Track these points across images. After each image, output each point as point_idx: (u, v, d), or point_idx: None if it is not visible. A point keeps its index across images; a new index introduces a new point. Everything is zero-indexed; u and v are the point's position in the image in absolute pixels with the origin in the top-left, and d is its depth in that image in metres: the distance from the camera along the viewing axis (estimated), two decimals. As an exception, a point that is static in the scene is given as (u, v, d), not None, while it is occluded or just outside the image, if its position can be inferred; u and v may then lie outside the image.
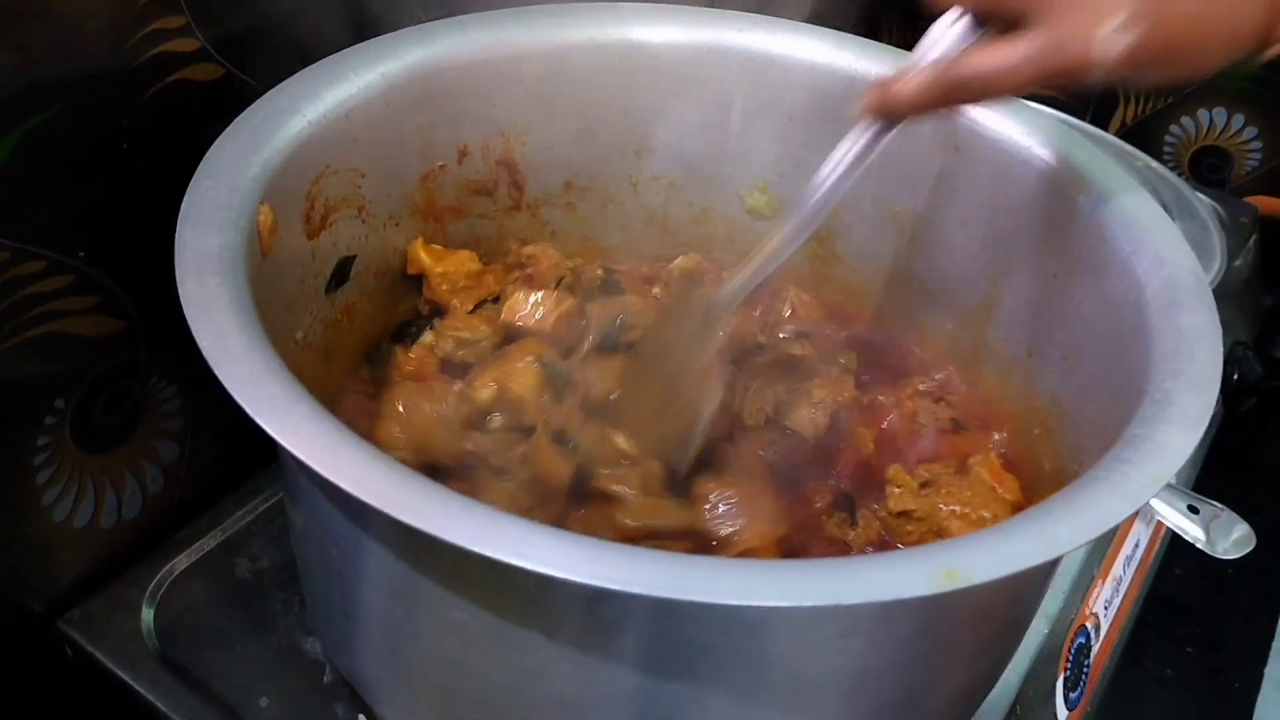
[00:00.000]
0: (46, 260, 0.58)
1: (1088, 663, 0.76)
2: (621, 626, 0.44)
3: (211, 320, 0.46)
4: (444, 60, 0.67)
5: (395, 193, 0.68)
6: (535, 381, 0.63)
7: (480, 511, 0.41)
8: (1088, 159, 0.64)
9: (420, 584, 0.48)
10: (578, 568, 0.39)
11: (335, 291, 0.65)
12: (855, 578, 0.39)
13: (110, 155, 0.59)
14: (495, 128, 0.71)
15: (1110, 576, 0.79)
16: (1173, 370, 0.50)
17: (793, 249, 0.59)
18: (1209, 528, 0.76)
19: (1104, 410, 0.55)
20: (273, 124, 0.58)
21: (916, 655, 0.48)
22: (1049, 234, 0.65)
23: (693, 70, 0.73)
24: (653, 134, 0.76)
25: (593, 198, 0.78)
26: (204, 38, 0.61)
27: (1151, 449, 0.46)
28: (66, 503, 0.65)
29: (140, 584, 0.68)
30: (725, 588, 0.38)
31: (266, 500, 0.74)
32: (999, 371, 0.70)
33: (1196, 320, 0.53)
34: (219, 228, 0.51)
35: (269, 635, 0.67)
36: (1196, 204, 1.02)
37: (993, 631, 0.53)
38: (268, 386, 0.44)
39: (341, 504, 0.48)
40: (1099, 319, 0.60)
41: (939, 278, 0.73)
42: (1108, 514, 0.43)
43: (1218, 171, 1.20)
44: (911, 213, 0.73)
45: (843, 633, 0.44)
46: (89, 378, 0.63)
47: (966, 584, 0.39)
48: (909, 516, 0.61)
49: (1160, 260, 0.56)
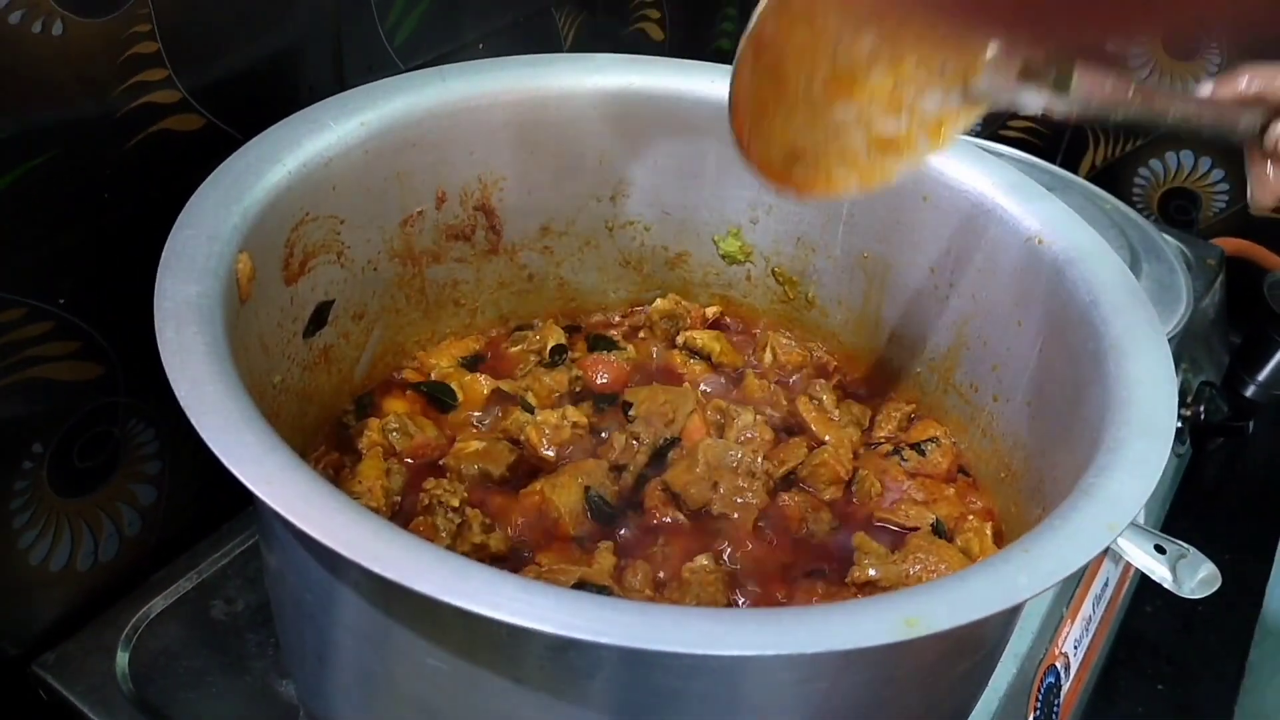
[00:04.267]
0: (27, 307, 0.59)
1: (1058, 702, 0.77)
2: (590, 674, 0.45)
3: (189, 368, 0.47)
4: (422, 109, 0.68)
5: (374, 238, 0.69)
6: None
7: (452, 562, 0.42)
8: (1050, 210, 0.65)
9: (393, 630, 0.48)
10: (547, 617, 0.40)
11: (313, 335, 0.66)
12: (817, 627, 0.40)
13: (92, 204, 0.60)
14: (473, 174, 0.73)
15: (1079, 616, 0.80)
16: (1127, 419, 0.51)
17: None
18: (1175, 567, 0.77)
19: (1064, 456, 0.57)
20: (253, 173, 0.59)
21: (880, 699, 0.49)
22: (1012, 283, 0.66)
23: (666, 119, 0.74)
24: (628, 180, 0.77)
25: (569, 242, 0.79)
26: (185, 89, 0.62)
27: (1106, 498, 0.47)
28: (43, 546, 0.65)
29: (116, 626, 0.69)
30: (690, 637, 0.39)
31: (242, 543, 0.74)
32: (966, 415, 0.71)
33: (1151, 369, 0.54)
34: (198, 276, 0.52)
35: (243, 677, 0.67)
36: (1164, 246, 1.04)
37: (956, 675, 0.54)
38: (242, 435, 0.45)
39: (315, 551, 0.49)
40: (1059, 367, 0.61)
41: (907, 323, 0.75)
42: (1064, 562, 0.44)
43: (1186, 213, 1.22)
44: (881, 259, 0.74)
45: (806, 678, 0.45)
46: (67, 422, 0.63)
47: (926, 632, 0.40)
48: (875, 586, 0.61)
49: (1118, 310, 0.58)
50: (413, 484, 0.66)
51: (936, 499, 0.69)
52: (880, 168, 0.58)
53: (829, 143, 0.57)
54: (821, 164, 0.58)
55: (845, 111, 0.56)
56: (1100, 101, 0.54)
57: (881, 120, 0.57)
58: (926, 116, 0.57)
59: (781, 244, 0.79)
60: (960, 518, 0.67)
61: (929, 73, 0.56)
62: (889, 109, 0.56)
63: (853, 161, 0.58)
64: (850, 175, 0.58)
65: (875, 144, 0.57)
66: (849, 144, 0.57)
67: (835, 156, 0.58)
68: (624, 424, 0.72)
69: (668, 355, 0.79)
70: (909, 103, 0.56)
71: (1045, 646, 0.75)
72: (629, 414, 0.72)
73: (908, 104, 0.56)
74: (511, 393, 0.73)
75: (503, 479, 0.68)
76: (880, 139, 0.57)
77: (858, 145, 0.58)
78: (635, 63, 0.75)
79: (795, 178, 0.58)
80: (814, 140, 0.57)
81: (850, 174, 0.58)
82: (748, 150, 0.56)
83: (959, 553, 0.63)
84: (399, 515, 0.64)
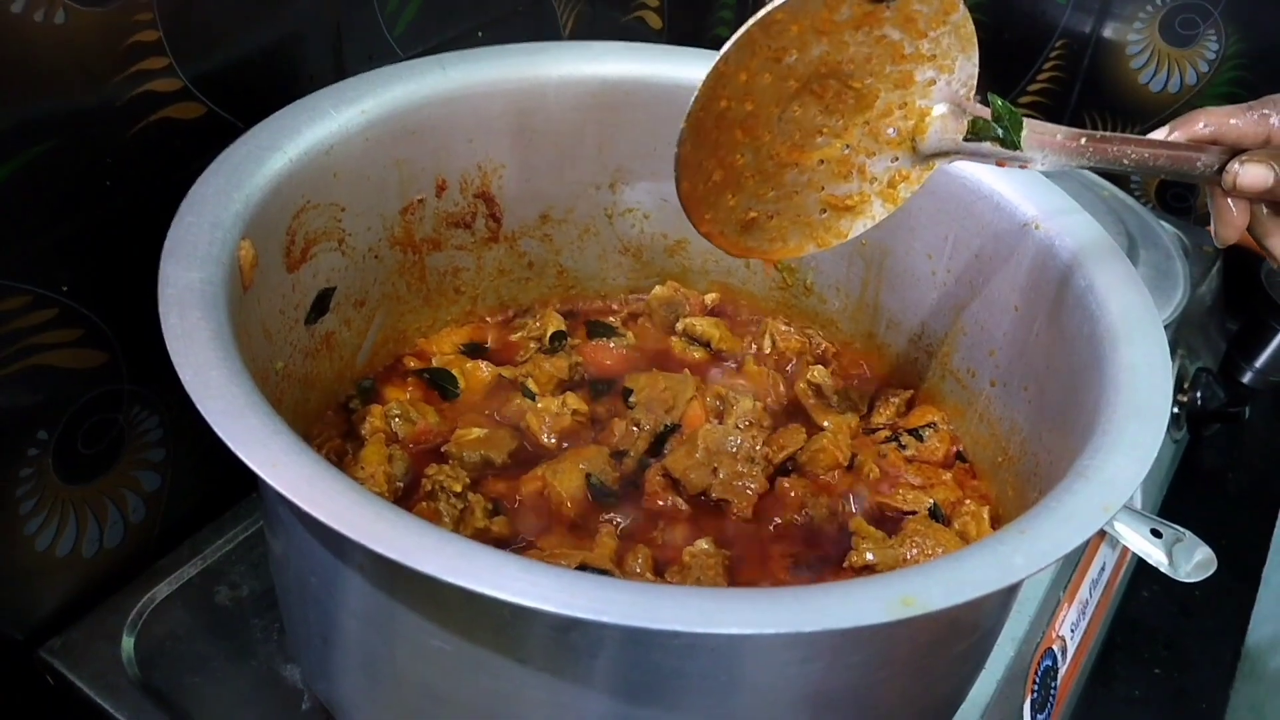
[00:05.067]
0: (31, 295, 0.59)
1: (1054, 684, 0.77)
2: (592, 654, 0.46)
3: (193, 354, 0.48)
4: (423, 97, 0.69)
5: (375, 225, 0.69)
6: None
7: (455, 543, 0.42)
8: (1047, 196, 0.66)
9: (397, 612, 0.49)
10: (550, 597, 0.40)
11: (315, 322, 0.67)
12: (814, 606, 0.40)
13: (94, 192, 0.60)
14: (473, 161, 0.73)
15: (1076, 600, 0.81)
16: (1123, 402, 0.52)
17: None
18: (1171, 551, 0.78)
19: (1061, 439, 0.57)
20: (254, 161, 0.59)
21: (878, 679, 0.49)
22: (1009, 269, 0.67)
23: (664, 106, 0.75)
24: (626, 167, 0.78)
25: (569, 229, 0.79)
26: (186, 77, 0.62)
27: (1102, 480, 0.47)
28: (49, 532, 0.65)
29: (121, 612, 0.69)
30: (690, 615, 0.40)
31: (246, 529, 0.75)
32: (963, 401, 0.72)
33: (1147, 354, 0.55)
34: (201, 263, 0.53)
35: (248, 662, 0.68)
36: (1161, 233, 1.04)
37: (953, 656, 0.54)
38: (247, 420, 0.46)
39: (319, 534, 0.49)
40: (1055, 351, 0.61)
41: (905, 309, 0.75)
42: (1060, 542, 0.44)
43: (1183, 200, 1.23)
44: (879, 246, 0.75)
45: (805, 658, 0.46)
46: (72, 409, 0.64)
47: (923, 611, 0.40)
48: (873, 570, 0.62)
49: (1113, 294, 0.58)
50: (414, 470, 0.67)
51: (934, 484, 0.69)
52: (835, 229, 0.59)
53: (782, 209, 0.58)
54: (775, 230, 0.59)
55: (796, 178, 0.57)
56: (1053, 152, 0.54)
57: (833, 185, 0.58)
58: (879, 178, 0.58)
59: (780, 231, 0.79)
60: (957, 502, 0.68)
61: (876, 137, 0.56)
62: (840, 174, 0.58)
63: (806, 224, 0.59)
64: (805, 238, 0.60)
65: (829, 206, 0.59)
66: (802, 208, 0.59)
67: (789, 221, 0.59)
68: (624, 410, 0.72)
69: (667, 342, 0.80)
70: (859, 165, 0.57)
71: (1042, 630, 0.76)
72: (629, 400, 0.72)
73: (857, 167, 0.57)
74: (512, 379, 0.73)
75: (504, 465, 0.68)
76: (834, 201, 0.58)
77: (810, 209, 0.59)
78: (634, 50, 0.75)
79: (750, 245, 0.59)
80: (766, 209, 0.58)
81: (805, 237, 0.60)
82: (702, 226, 0.57)
83: (956, 536, 0.64)
84: (401, 501, 0.65)
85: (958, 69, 0.55)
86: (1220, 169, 0.55)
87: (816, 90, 0.55)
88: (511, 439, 0.69)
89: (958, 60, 0.54)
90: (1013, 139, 0.54)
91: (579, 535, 0.64)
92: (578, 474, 0.66)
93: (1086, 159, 0.54)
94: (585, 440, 0.70)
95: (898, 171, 0.57)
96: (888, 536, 0.64)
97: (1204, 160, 0.55)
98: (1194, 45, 1.13)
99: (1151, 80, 1.17)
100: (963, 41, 0.54)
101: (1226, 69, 1.12)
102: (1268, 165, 0.54)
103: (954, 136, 0.55)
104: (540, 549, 0.62)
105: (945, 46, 0.54)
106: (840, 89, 0.55)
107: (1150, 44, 1.15)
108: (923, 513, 0.66)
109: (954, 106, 0.55)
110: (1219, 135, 0.56)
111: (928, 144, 0.56)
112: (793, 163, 0.57)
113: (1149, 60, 1.16)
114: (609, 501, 0.66)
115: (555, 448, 0.69)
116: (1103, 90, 1.18)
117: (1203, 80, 1.14)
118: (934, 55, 0.54)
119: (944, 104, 0.55)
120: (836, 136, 0.57)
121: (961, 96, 0.55)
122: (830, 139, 0.57)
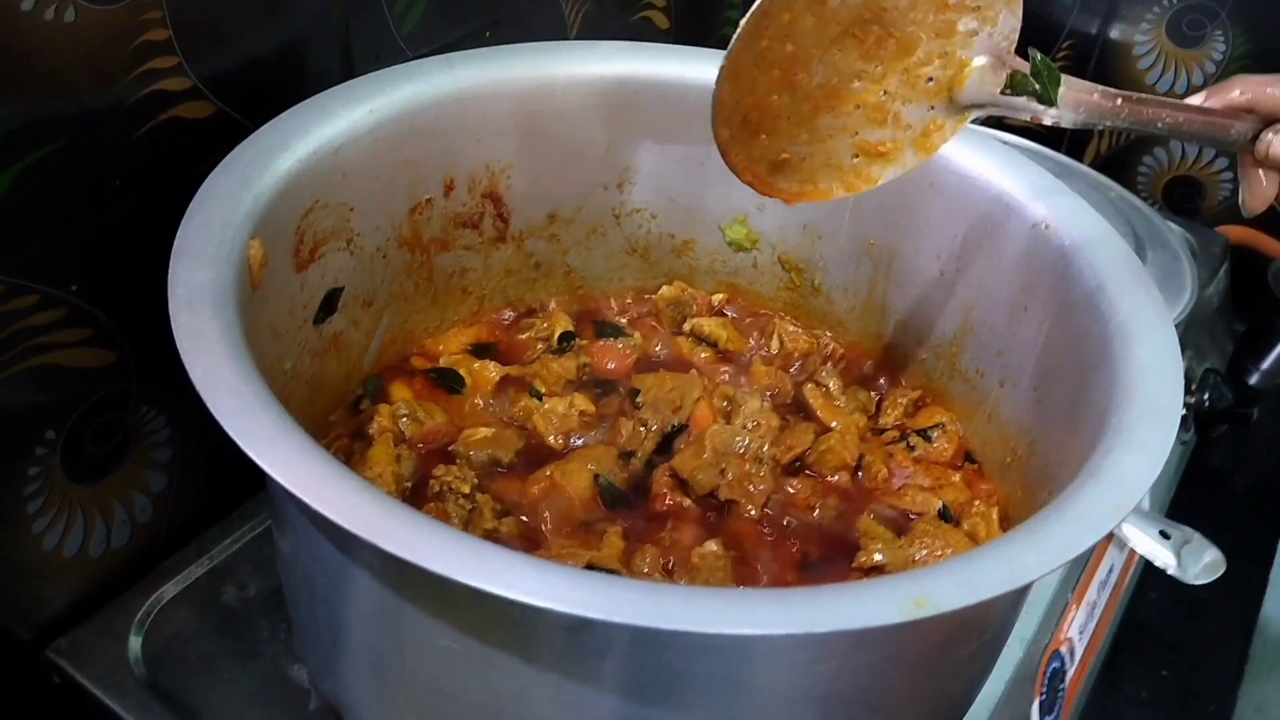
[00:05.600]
0: (40, 294, 0.59)
1: (1062, 686, 0.77)
2: (602, 654, 0.46)
3: (203, 353, 0.48)
4: (430, 96, 0.69)
5: (383, 225, 0.69)
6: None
7: (465, 542, 0.42)
8: (1055, 195, 0.66)
9: (405, 611, 0.49)
10: (560, 596, 0.40)
11: (323, 322, 0.67)
12: (826, 607, 0.40)
13: (103, 192, 0.60)
14: (481, 162, 0.73)
15: (1084, 602, 0.81)
16: (1134, 401, 0.52)
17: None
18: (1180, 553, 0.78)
19: (1070, 439, 0.57)
20: (263, 160, 0.59)
21: (889, 680, 0.49)
22: (1018, 269, 0.66)
23: (672, 107, 0.75)
24: (634, 168, 0.78)
25: (576, 230, 0.79)
26: (196, 77, 0.62)
27: (1113, 479, 0.47)
28: (56, 532, 0.65)
29: (128, 612, 0.69)
30: (701, 616, 0.40)
31: (253, 529, 0.75)
32: (972, 401, 0.72)
33: (1157, 353, 0.54)
34: (210, 262, 0.53)
35: (256, 662, 0.68)
36: (1168, 234, 1.04)
37: (964, 656, 0.54)
38: (258, 418, 0.46)
39: (328, 533, 0.49)
40: (1065, 351, 0.61)
41: (913, 309, 0.75)
42: (1072, 543, 0.44)
43: (1190, 201, 1.23)
44: (888, 246, 0.75)
45: (816, 659, 0.46)
46: (80, 409, 0.64)
47: (935, 612, 0.40)
48: (882, 571, 0.62)
49: (1123, 293, 0.58)
50: (422, 470, 0.67)
51: (943, 484, 0.69)
52: (865, 174, 0.59)
53: (814, 152, 0.58)
54: (806, 171, 0.59)
55: (830, 122, 0.57)
56: (1087, 111, 0.54)
57: (867, 130, 0.58)
58: (913, 127, 0.57)
59: (788, 231, 0.79)
60: (967, 503, 0.68)
61: (914, 85, 0.56)
62: (875, 120, 0.57)
63: (837, 167, 0.59)
64: (835, 181, 0.59)
65: (861, 151, 0.58)
66: (834, 152, 0.58)
67: (820, 164, 0.59)
68: (631, 410, 0.72)
69: (675, 342, 0.80)
70: (894, 113, 0.57)
71: (1051, 632, 0.75)
72: (637, 400, 0.72)
73: (893, 114, 0.57)
74: (519, 379, 0.73)
75: (511, 464, 0.68)
76: (866, 147, 0.58)
77: (842, 153, 0.59)
78: (641, 50, 0.75)
79: (780, 185, 0.59)
80: (798, 150, 0.58)
81: (835, 180, 0.59)
82: (732, 160, 0.57)
83: (965, 537, 0.64)
84: (409, 501, 0.65)
85: (1000, 22, 0.54)
86: (1254, 138, 0.55)
87: (858, 35, 0.55)
88: (519, 438, 0.69)
89: (1001, 13, 0.54)
90: (1049, 95, 0.54)
91: (586, 535, 0.64)
92: (586, 474, 0.66)
93: (1121, 119, 0.54)
94: (593, 441, 0.70)
95: (933, 121, 0.57)
96: (897, 537, 0.64)
97: (1238, 128, 0.55)
98: (1201, 46, 1.13)
99: (1159, 81, 1.17)
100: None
101: (1234, 70, 1.12)
102: None
103: (991, 89, 0.55)
104: (548, 549, 0.62)
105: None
106: (882, 35, 0.55)
107: (1157, 45, 1.14)
108: (932, 513, 0.66)
109: (994, 59, 0.55)
110: (1254, 103, 0.55)
111: (965, 95, 0.56)
112: (829, 106, 0.57)
113: (1156, 61, 1.16)
114: (617, 502, 0.66)
115: (562, 449, 0.69)
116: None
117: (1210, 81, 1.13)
118: (978, 6, 0.54)
119: (984, 56, 0.55)
120: (875, 82, 0.56)
121: (1003, 49, 0.55)
122: (868, 84, 0.56)
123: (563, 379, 0.74)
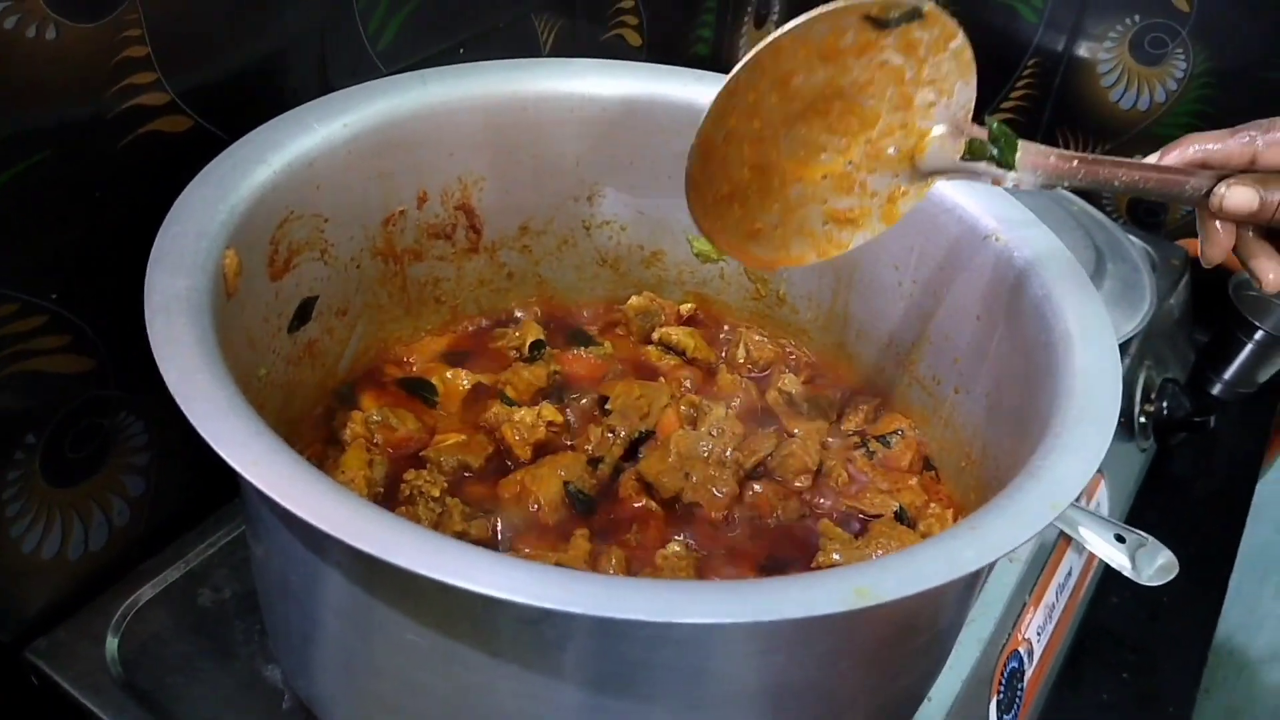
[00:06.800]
0: (20, 302, 0.60)
1: (1021, 686, 0.79)
2: (561, 645, 0.47)
3: (178, 358, 0.49)
4: (404, 111, 0.70)
5: (357, 236, 0.71)
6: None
7: (429, 538, 0.44)
8: (1006, 209, 0.68)
9: (374, 607, 0.50)
10: (519, 589, 0.42)
11: (298, 330, 0.68)
12: (773, 596, 0.42)
13: (83, 203, 0.62)
14: (453, 174, 0.75)
15: (1043, 604, 0.83)
16: (1074, 406, 0.54)
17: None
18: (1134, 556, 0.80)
19: (1017, 443, 0.59)
20: (239, 172, 0.61)
21: (839, 670, 0.51)
22: (972, 279, 0.69)
23: (642, 122, 0.77)
24: (604, 181, 0.80)
25: (547, 241, 0.81)
26: (174, 91, 0.63)
27: (1051, 479, 0.49)
28: (35, 534, 0.67)
29: (105, 614, 0.70)
30: (654, 606, 0.42)
31: (229, 533, 0.76)
32: (929, 407, 0.74)
33: (1098, 358, 0.57)
34: (187, 271, 0.54)
35: (231, 663, 0.69)
36: (1129, 247, 1.06)
37: (914, 649, 0.56)
38: (230, 421, 0.47)
39: (300, 533, 0.51)
40: (1014, 358, 0.64)
41: (874, 319, 0.77)
42: (1008, 538, 0.46)
43: (1154, 215, 1.25)
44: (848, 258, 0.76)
45: (767, 649, 0.48)
46: (59, 414, 0.65)
47: (875, 601, 0.42)
48: None
49: (1068, 302, 0.61)
50: (394, 475, 0.68)
51: (900, 488, 0.71)
52: (836, 240, 0.62)
53: (786, 220, 0.61)
54: (780, 239, 0.61)
55: (801, 191, 0.60)
56: (1045, 173, 0.56)
57: (835, 199, 0.60)
58: (879, 194, 0.60)
59: (753, 243, 0.81)
60: (923, 505, 0.70)
61: (877, 156, 0.59)
62: (842, 189, 0.60)
63: (810, 234, 0.61)
64: (808, 248, 0.62)
65: (831, 218, 0.61)
66: (806, 220, 0.61)
67: (793, 231, 0.61)
68: (600, 417, 0.74)
69: (643, 351, 0.82)
70: (860, 181, 0.60)
71: (1009, 632, 0.77)
72: (606, 408, 0.74)
73: (859, 183, 0.60)
74: (491, 385, 0.75)
75: (481, 470, 0.70)
76: (836, 214, 0.61)
77: (814, 220, 0.61)
78: (612, 67, 0.77)
79: (755, 253, 0.61)
80: (770, 220, 0.60)
81: (808, 247, 0.62)
82: (707, 231, 0.59)
83: (920, 538, 0.66)
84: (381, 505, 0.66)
85: (956, 93, 0.57)
86: (1208, 192, 0.57)
87: (821, 110, 0.57)
88: (489, 444, 0.71)
89: (956, 85, 0.57)
90: (1008, 159, 0.56)
91: (555, 539, 0.66)
92: (556, 480, 0.68)
93: (1078, 179, 0.56)
94: (561, 449, 0.72)
95: (897, 187, 0.60)
96: (854, 538, 0.66)
97: (1193, 184, 0.57)
98: (1163, 64, 1.16)
99: (1122, 98, 1.20)
100: (962, 67, 0.56)
101: (1194, 87, 1.15)
102: (1253, 188, 0.56)
103: (951, 156, 0.57)
104: (516, 551, 0.64)
105: (945, 72, 0.56)
106: (844, 109, 0.57)
107: (1120, 63, 1.17)
108: (889, 515, 0.68)
109: (952, 128, 0.57)
110: (1207, 159, 0.58)
111: (926, 162, 0.58)
112: (797, 178, 0.59)
113: (1119, 79, 1.18)
114: (586, 507, 0.68)
115: (531, 459, 0.71)
116: (1074, 108, 1.21)
117: (1171, 98, 1.17)
118: (934, 79, 0.56)
119: (943, 125, 0.57)
120: (840, 154, 0.59)
121: (960, 118, 0.57)
122: (834, 156, 0.59)
123: (533, 386, 0.76)
